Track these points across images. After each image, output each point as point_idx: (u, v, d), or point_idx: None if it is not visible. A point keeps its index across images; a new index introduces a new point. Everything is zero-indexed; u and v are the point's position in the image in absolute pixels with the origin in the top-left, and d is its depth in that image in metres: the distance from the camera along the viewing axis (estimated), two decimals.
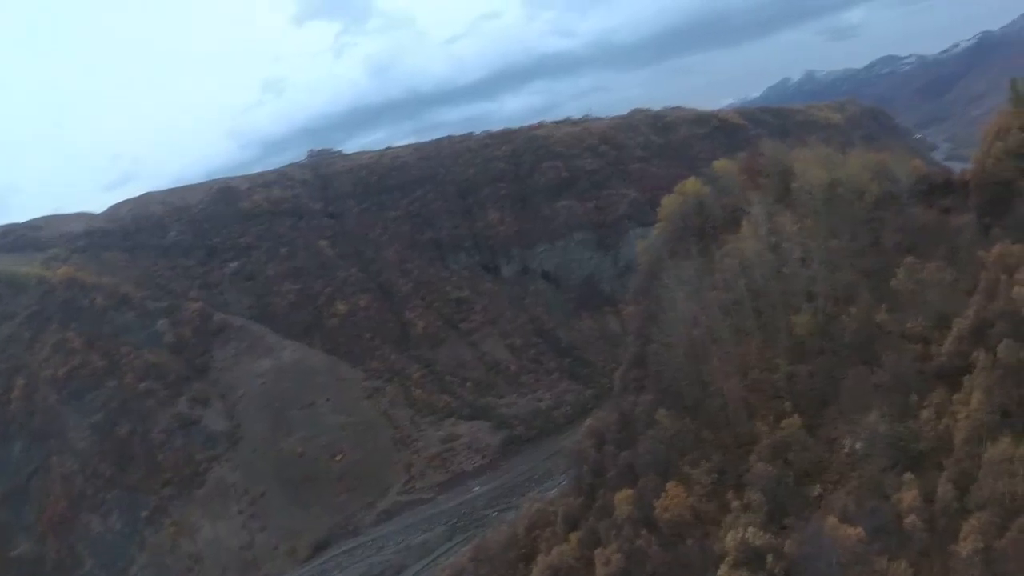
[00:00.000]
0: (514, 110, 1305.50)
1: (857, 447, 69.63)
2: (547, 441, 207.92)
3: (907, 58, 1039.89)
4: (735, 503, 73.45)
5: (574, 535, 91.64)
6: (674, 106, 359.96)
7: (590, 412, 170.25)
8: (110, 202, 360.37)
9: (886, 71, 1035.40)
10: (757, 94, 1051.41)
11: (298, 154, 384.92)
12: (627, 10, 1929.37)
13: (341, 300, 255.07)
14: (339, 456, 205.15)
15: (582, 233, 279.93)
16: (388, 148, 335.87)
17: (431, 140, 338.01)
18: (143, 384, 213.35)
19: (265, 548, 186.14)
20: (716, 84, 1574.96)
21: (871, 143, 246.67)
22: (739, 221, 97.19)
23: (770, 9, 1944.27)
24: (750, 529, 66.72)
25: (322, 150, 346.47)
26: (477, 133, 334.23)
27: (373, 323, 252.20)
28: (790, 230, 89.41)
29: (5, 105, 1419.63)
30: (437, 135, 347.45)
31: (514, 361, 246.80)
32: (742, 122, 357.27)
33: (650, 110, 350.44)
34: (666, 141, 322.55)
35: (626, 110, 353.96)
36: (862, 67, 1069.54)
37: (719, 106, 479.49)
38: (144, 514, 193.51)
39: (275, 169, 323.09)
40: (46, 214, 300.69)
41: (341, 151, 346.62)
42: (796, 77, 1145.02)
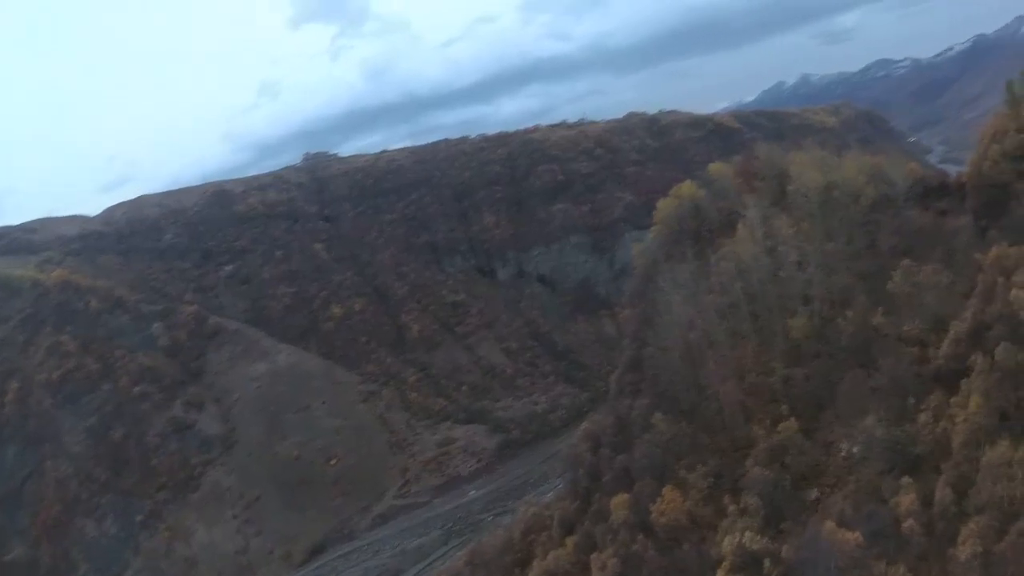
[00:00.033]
0: (510, 113, 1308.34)
1: (854, 451, 69.37)
2: (543, 444, 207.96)
3: (902, 61, 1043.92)
4: (732, 507, 73.22)
5: (570, 539, 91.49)
6: (669, 109, 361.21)
7: (586, 415, 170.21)
8: (105, 205, 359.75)
9: (881, 74, 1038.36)
10: (752, 97, 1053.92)
11: (294, 157, 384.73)
12: (622, 14, 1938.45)
13: (336, 304, 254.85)
14: (334, 460, 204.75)
15: (578, 236, 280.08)
16: (384, 151, 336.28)
17: (427, 143, 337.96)
18: (138, 388, 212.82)
19: (260, 552, 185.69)
20: (711, 88, 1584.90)
21: (866, 146, 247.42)
22: (735, 224, 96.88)
23: (765, 13, 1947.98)
24: (747, 534, 66.50)
25: (318, 153, 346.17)
26: (473, 136, 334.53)
27: (369, 327, 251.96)
28: (786, 233, 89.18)
29: (0, 107, 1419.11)
30: (433, 138, 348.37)
31: (510, 364, 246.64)
32: (737, 125, 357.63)
33: (645, 113, 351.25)
34: (661, 144, 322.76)
35: (622, 113, 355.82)
36: (857, 70, 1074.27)
37: (714, 109, 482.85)
38: (139, 518, 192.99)
39: (271, 172, 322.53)
40: (40, 216, 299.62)
41: (337, 154, 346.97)
42: (791, 81, 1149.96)
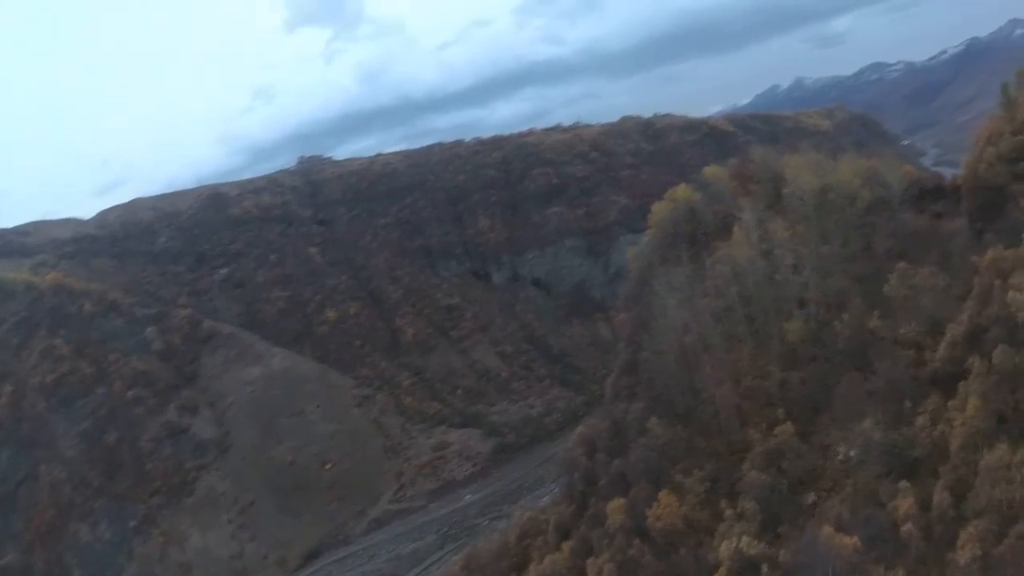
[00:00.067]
0: (504, 117, 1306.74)
1: (852, 454, 69.14)
2: (538, 448, 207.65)
3: (895, 65, 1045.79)
4: (728, 512, 72.96)
5: (566, 544, 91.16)
6: (664, 113, 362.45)
7: (581, 419, 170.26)
8: (99, 208, 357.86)
9: (874, 78, 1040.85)
10: (746, 101, 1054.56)
11: (288, 160, 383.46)
12: (617, 18, 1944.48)
13: (331, 307, 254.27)
14: (329, 464, 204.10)
15: (572, 240, 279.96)
16: (378, 155, 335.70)
17: (421, 147, 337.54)
18: (132, 392, 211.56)
19: (255, 557, 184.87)
20: (705, 91, 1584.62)
21: (860, 149, 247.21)
22: (730, 227, 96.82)
23: (758, 17, 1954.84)
24: (744, 538, 66.31)
25: (312, 156, 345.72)
26: (467, 140, 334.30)
27: (363, 330, 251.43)
28: (781, 236, 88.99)
29: None
30: (428, 142, 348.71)
31: (505, 368, 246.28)
32: (732, 129, 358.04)
33: (640, 117, 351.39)
34: (656, 148, 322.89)
35: (616, 117, 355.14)
36: (850, 74, 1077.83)
37: (708, 113, 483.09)
38: (133, 523, 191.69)
39: (265, 175, 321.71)
40: (34, 219, 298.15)
41: (331, 158, 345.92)
42: (785, 84, 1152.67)
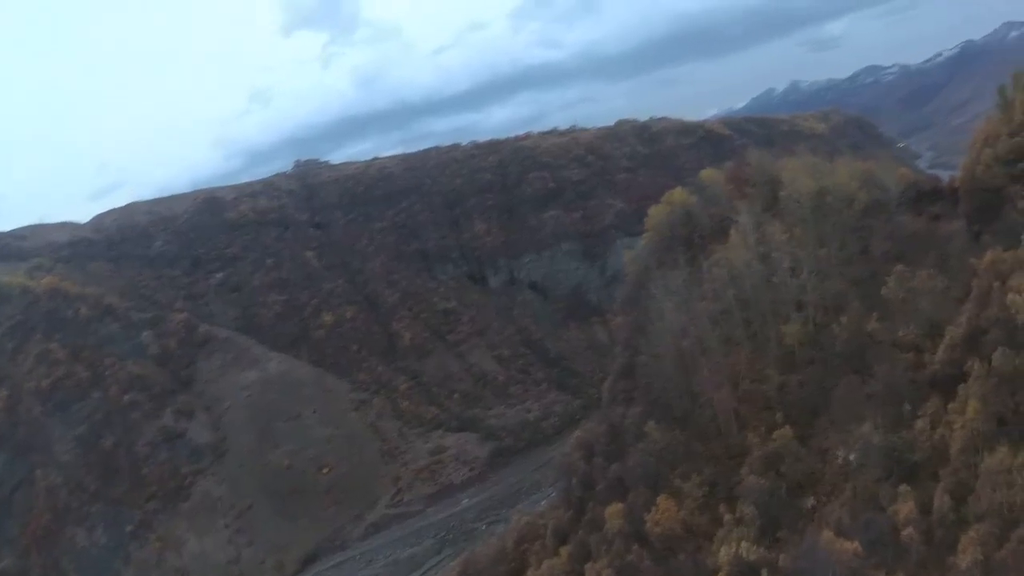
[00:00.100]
0: (501, 121, 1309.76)
1: (851, 458, 68.72)
2: (536, 452, 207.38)
3: (890, 68, 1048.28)
4: (727, 516, 72.69)
5: (564, 549, 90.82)
6: (660, 116, 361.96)
7: (578, 423, 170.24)
8: (95, 211, 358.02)
9: (869, 81, 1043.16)
10: (742, 104, 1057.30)
11: (284, 164, 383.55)
12: (613, 22, 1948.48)
13: (327, 311, 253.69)
14: (326, 469, 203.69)
15: (569, 243, 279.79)
16: (375, 158, 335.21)
17: (418, 151, 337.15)
18: (128, 396, 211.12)
19: (252, 563, 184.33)
20: (701, 95, 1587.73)
21: (856, 152, 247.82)
22: (727, 230, 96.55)
23: (754, 21, 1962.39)
24: (743, 543, 66.09)
25: (309, 160, 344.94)
26: (464, 144, 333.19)
27: (360, 334, 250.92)
28: (779, 239, 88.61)
29: None
30: (424, 145, 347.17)
31: (502, 372, 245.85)
32: (727, 132, 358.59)
33: (636, 120, 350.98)
34: (652, 151, 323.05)
35: (612, 121, 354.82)
36: (846, 77, 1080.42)
37: (704, 116, 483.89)
38: (129, 528, 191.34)
39: (261, 179, 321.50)
40: (31, 223, 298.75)
41: (328, 161, 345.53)
42: (780, 87, 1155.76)
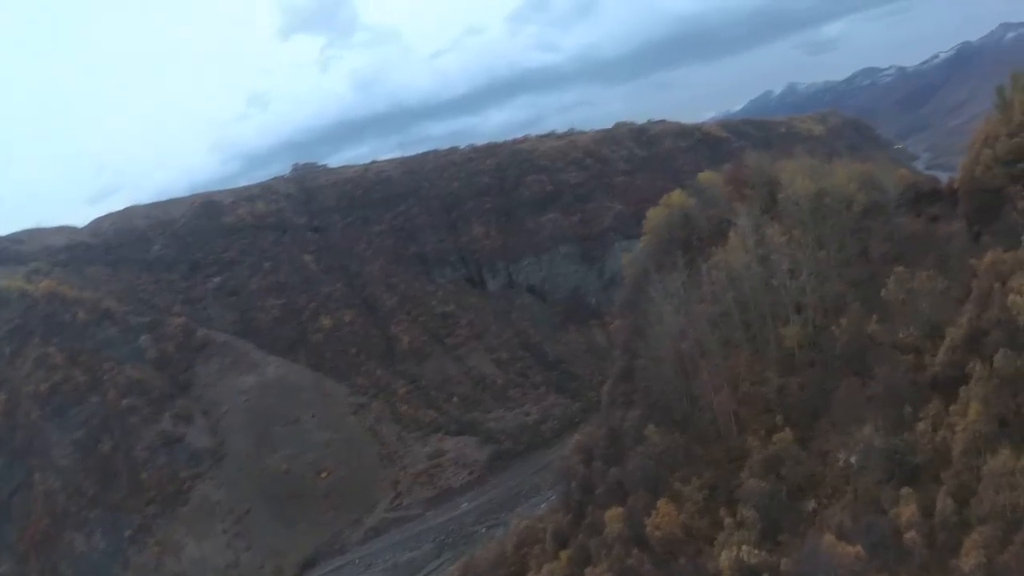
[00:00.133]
0: (499, 124, 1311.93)
1: (852, 460, 68.30)
2: (535, 455, 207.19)
3: (887, 70, 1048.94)
4: (728, 520, 72.22)
5: (564, 553, 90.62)
6: (657, 119, 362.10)
7: (577, 426, 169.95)
8: (93, 215, 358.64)
9: (866, 83, 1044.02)
10: (739, 107, 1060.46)
11: (283, 168, 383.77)
12: (610, 25, 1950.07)
13: (326, 315, 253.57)
14: (325, 473, 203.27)
15: (567, 246, 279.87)
16: (373, 162, 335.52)
17: (416, 154, 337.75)
18: (126, 400, 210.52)
19: (251, 567, 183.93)
20: (698, 97, 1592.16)
21: (854, 154, 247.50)
22: (725, 233, 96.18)
23: (751, 24, 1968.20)
24: (744, 547, 65.69)
25: (307, 164, 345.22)
26: (462, 147, 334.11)
27: (358, 338, 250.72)
28: (777, 241, 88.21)
29: None
30: (422, 149, 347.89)
31: (500, 375, 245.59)
32: (725, 135, 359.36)
33: (634, 123, 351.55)
34: (650, 154, 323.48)
35: (610, 123, 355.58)
36: (842, 79, 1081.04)
37: (702, 119, 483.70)
38: (128, 533, 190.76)
39: (259, 183, 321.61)
40: (28, 227, 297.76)
41: (326, 165, 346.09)
42: (778, 90, 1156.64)
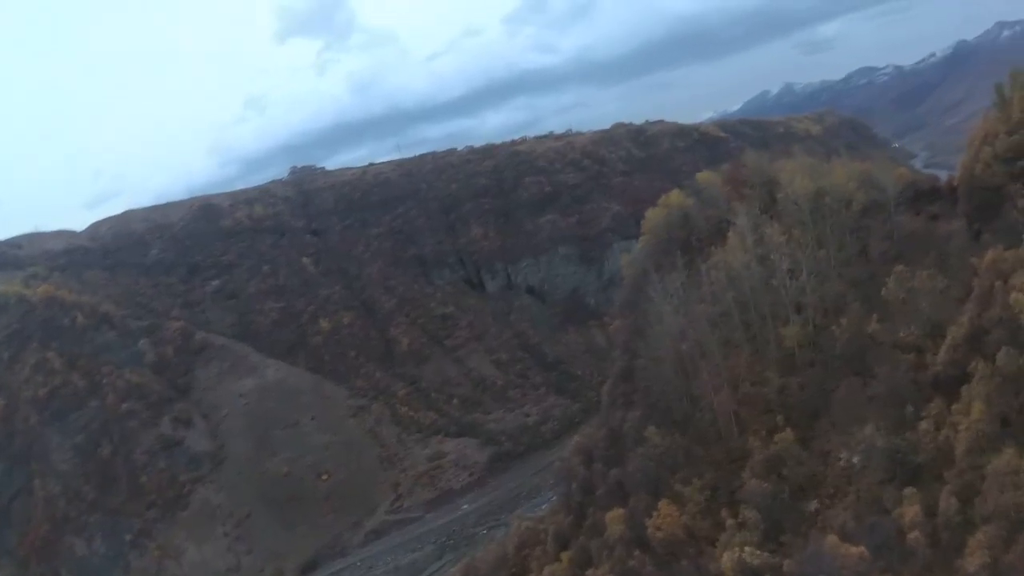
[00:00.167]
0: (496, 126, 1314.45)
1: (854, 460, 68.02)
2: (535, 456, 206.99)
3: (884, 69, 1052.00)
4: (730, 521, 71.76)
5: (565, 554, 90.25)
6: (655, 120, 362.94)
7: (577, 426, 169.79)
8: (91, 220, 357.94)
9: (863, 82, 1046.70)
10: (736, 107, 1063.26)
11: (280, 171, 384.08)
12: (607, 26, 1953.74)
13: (324, 318, 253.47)
14: (325, 476, 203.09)
15: (566, 247, 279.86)
16: (371, 164, 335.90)
17: (413, 156, 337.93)
18: (125, 404, 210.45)
19: (251, 570, 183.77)
20: (696, 98, 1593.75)
21: (851, 153, 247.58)
22: (724, 233, 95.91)
23: (748, 24, 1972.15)
24: (746, 548, 65.31)
25: (304, 167, 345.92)
26: (460, 149, 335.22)
27: (357, 340, 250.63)
28: (777, 241, 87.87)
29: None
30: (419, 151, 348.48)
31: (500, 376, 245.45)
32: (722, 135, 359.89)
33: (631, 124, 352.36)
34: (648, 155, 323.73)
35: (608, 124, 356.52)
36: (839, 79, 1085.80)
37: (699, 119, 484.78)
38: (128, 537, 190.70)
39: (257, 186, 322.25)
40: (27, 232, 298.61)
41: (323, 168, 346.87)
42: (775, 90, 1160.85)
